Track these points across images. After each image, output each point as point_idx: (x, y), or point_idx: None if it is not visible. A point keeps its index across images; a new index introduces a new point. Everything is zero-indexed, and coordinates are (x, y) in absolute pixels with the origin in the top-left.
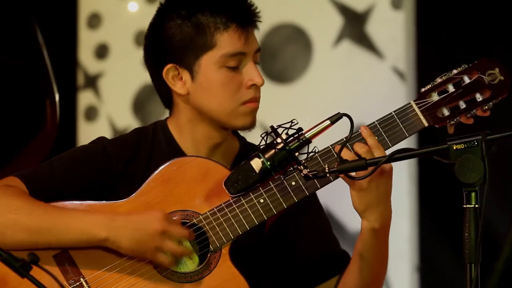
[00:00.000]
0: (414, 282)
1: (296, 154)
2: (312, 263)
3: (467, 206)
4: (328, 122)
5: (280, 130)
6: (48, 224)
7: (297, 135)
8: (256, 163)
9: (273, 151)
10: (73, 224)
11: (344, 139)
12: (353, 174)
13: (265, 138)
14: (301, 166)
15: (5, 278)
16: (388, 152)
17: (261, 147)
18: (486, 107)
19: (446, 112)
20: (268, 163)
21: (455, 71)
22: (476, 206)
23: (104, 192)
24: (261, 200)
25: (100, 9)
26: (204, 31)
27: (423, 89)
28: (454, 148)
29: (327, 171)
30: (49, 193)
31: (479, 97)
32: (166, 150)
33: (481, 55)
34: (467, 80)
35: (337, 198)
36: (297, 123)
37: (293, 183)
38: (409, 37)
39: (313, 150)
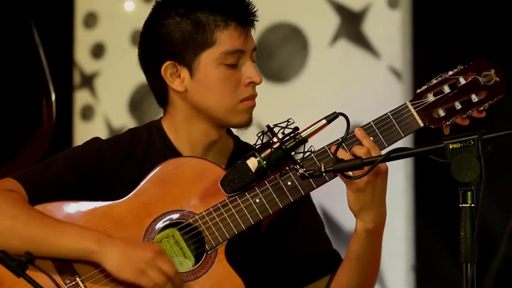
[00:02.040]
0: (410, 282)
1: (292, 153)
2: (304, 262)
3: (463, 205)
4: (324, 121)
5: (276, 130)
6: (42, 234)
7: (293, 134)
8: (252, 163)
9: (269, 150)
10: (66, 235)
11: (340, 139)
12: (350, 173)
13: (261, 137)
14: (297, 166)
15: (0, 278)
16: (384, 152)
17: (257, 146)
18: (482, 108)
19: (441, 113)
20: (264, 162)
21: (450, 72)
22: (472, 205)
23: (99, 192)
24: (257, 200)
25: (97, 9)
26: (204, 29)
27: (418, 90)
28: (450, 147)
29: (323, 170)
30: (46, 194)
31: (474, 98)
32: (161, 150)
33: (477, 54)
34: (462, 81)
35: (334, 198)
36: (293, 122)
37: (289, 183)
38: (406, 36)
39: (309, 149)
